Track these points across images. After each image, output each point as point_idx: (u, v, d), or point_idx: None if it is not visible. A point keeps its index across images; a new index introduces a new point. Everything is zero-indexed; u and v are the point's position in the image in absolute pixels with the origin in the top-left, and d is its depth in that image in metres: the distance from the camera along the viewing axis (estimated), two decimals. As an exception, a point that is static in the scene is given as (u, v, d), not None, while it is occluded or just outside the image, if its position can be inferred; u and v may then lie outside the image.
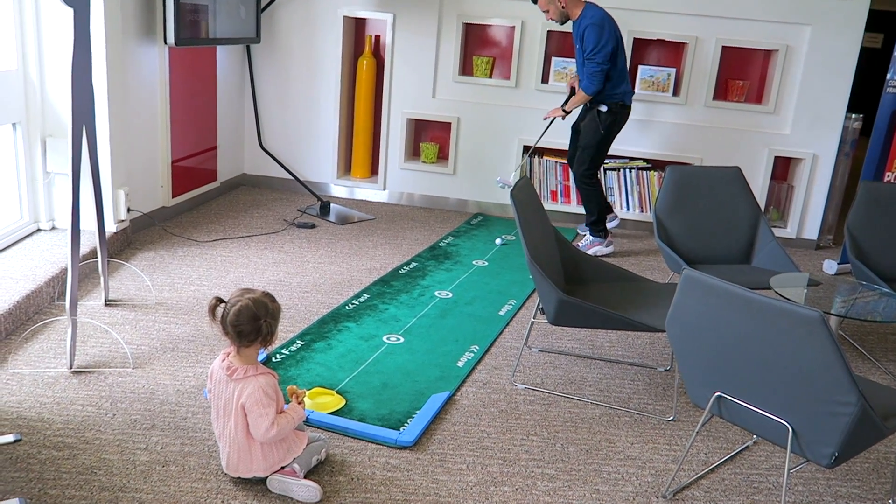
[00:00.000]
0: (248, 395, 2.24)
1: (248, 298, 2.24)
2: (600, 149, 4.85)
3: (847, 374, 2.04)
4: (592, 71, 4.58)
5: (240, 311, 2.22)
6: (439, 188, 5.82)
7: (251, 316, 2.22)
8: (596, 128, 4.78)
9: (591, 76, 4.60)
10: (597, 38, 4.54)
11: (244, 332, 2.23)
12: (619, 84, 4.71)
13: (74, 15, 2.89)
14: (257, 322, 2.23)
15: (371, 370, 3.15)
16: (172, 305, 3.62)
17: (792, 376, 2.14)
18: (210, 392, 2.36)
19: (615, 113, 4.76)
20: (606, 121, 4.75)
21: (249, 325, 2.22)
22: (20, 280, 3.47)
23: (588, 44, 4.58)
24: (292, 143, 5.90)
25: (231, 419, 2.28)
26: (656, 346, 3.61)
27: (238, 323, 2.22)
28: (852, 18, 5.12)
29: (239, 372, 2.27)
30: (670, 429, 2.91)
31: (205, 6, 4.68)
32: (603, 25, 4.56)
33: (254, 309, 2.23)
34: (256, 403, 2.23)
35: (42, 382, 2.85)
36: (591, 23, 4.57)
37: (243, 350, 2.28)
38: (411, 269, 4.42)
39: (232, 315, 2.22)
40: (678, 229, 3.91)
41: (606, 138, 4.82)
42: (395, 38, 5.56)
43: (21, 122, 3.96)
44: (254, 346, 2.28)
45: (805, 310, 2.05)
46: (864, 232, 3.89)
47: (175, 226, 4.81)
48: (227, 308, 2.24)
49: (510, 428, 2.82)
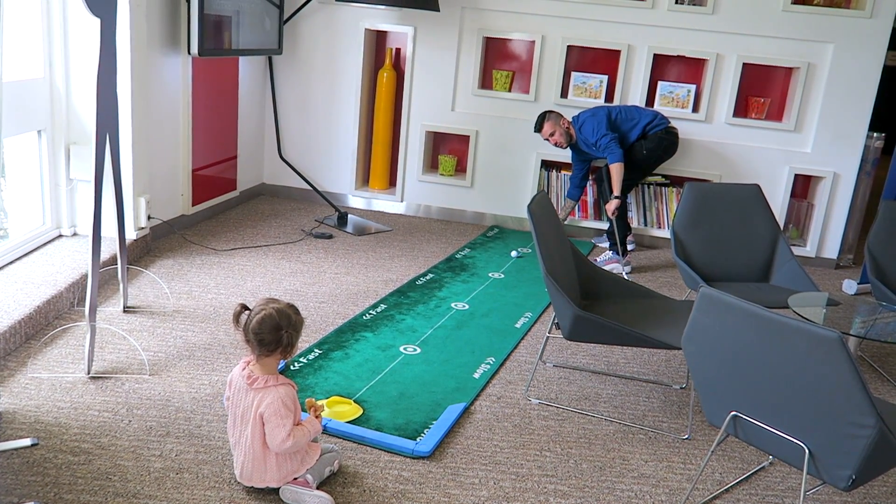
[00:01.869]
0: (268, 405, 2.25)
1: (273, 308, 2.26)
2: (637, 170, 5.01)
3: (865, 396, 2.02)
4: (606, 145, 4.80)
5: (262, 320, 2.23)
6: (457, 201, 5.83)
7: (274, 325, 2.24)
8: (640, 149, 4.95)
9: (606, 149, 4.82)
10: (592, 124, 4.87)
11: (265, 341, 2.25)
12: (641, 123, 4.94)
13: (101, 25, 2.94)
14: (279, 332, 2.24)
15: (388, 380, 3.16)
16: (190, 313, 3.65)
17: (809, 397, 2.12)
18: (228, 400, 2.37)
19: (658, 139, 4.94)
20: (647, 145, 4.94)
21: (271, 335, 2.24)
22: (41, 285, 3.51)
23: (590, 137, 4.89)
24: (311, 153, 5.94)
25: (248, 428, 2.29)
26: (672, 364, 3.59)
27: (260, 331, 2.24)
28: (875, 37, 5.09)
29: (259, 381, 2.28)
30: (685, 447, 2.88)
31: (229, 18, 4.74)
32: (595, 113, 4.94)
33: (277, 319, 2.24)
34: (275, 414, 2.24)
35: (60, 387, 2.88)
36: (582, 120, 4.95)
37: (263, 359, 2.29)
38: (428, 280, 4.42)
39: (255, 323, 2.24)
40: (696, 246, 3.89)
41: (647, 161, 4.99)
42: (416, 50, 5.60)
43: (46, 130, 4.02)
44: (274, 356, 2.29)
45: (823, 330, 2.04)
46: (884, 252, 3.86)
47: (194, 234, 4.86)
48: (251, 316, 2.26)
49: (524, 443, 2.81)
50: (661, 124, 4.96)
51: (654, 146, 4.94)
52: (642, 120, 4.94)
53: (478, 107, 5.65)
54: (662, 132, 4.94)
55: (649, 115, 4.97)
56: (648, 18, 5.28)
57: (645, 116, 4.96)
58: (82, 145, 4.10)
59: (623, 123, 4.93)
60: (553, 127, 4.95)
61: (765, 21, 5.18)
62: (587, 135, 4.89)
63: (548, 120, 4.98)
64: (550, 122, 4.97)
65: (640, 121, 4.94)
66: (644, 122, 4.94)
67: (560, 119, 4.97)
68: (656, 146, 4.94)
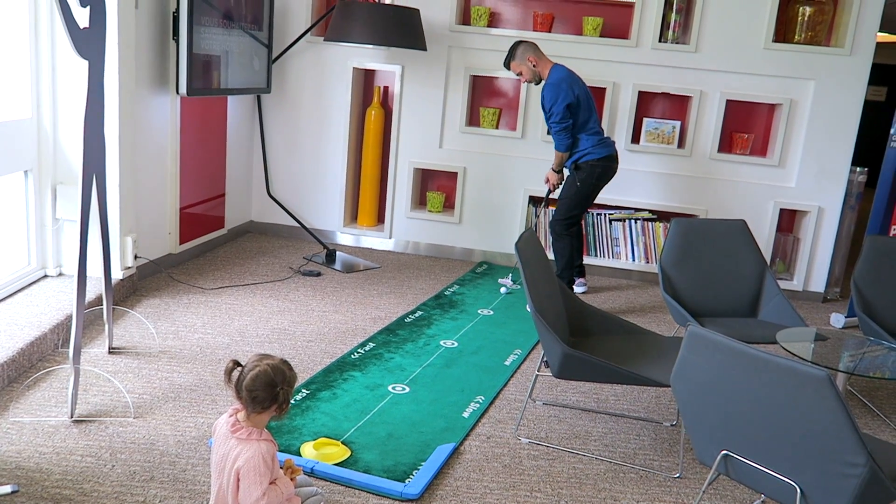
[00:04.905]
0: (247, 459, 2.18)
1: (267, 364, 2.20)
2: (577, 203, 4.85)
3: (855, 435, 2.01)
4: (554, 130, 4.70)
5: (257, 377, 2.17)
6: (445, 237, 5.84)
7: (268, 382, 2.18)
8: (572, 181, 4.83)
9: (555, 135, 4.72)
10: (553, 97, 4.63)
11: (259, 398, 2.18)
12: (583, 142, 4.74)
13: (89, 67, 2.95)
14: (274, 389, 2.18)
15: (377, 420, 3.12)
16: (176, 354, 3.62)
17: (799, 435, 2.11)
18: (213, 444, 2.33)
19: (589, 168, 4.76)
20: (580, 176, 4.79)
21: (265, 392, 2.18)
22: (25, 327, 3.47)
23: (546, 104, 4.70)
24: (300, 191, 5.95)
25: (224, 476, 2.23)
26: (662, 401, 3.58)
27: (254, 388, 2.18)
28: (855, 73, 5.18)
29: (243, 432, 2.21)
30: (676, 486, 2.86)
31: (217, 57, 4.78)
32: (559, 84, 4.62)
33: (272, 375, 2.18)
34: (253, 469, 2.17)
35: (42, 432, 2.83)
36: (548, 82, 4.69)
37: (253, 416, 2.24)
38: (417, 317, 4.41)
39: (249, 380, 2.18)
40: (684, 282, 3.90)
41: (583, 192, 4.82)
42: (404, 89, 5.65)
43: (33, 170, 4.02)
44: (266, 413, 2.22)
45: (812, 369, 2.04)
46: (871, 286, 3.88)
47: (181, 273, 4.83)
48: (245, 372, 2.20)
49: (514, 484, 2.78)
50: (594, 154, 4.74)
51: (586, 176, 4.76)
52: (584, 137, 4.73)
53: (465, 144, 5.69)
54: (595, 160, 4.74)
55: (592, 135, 4.77)
56: (633, 57, 5.35)
57: (593, 140, 4.74)
58: (69, 185, 4.09)
59: (578, 114, 4.70)
60: (519, 66, 4.75)
61: (747, 59, 5.26)
62: (545, 98, 4.68)
63: (514, 59, 4.75)
64: (516, 61, 4.75)
65: (584, 131, 4.73)
66: (585, 144, 4.72)
67: (527, 55, 4.71)
68: (588, 175, 4.76)
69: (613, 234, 5.61)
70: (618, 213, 5.57)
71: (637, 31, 5.31)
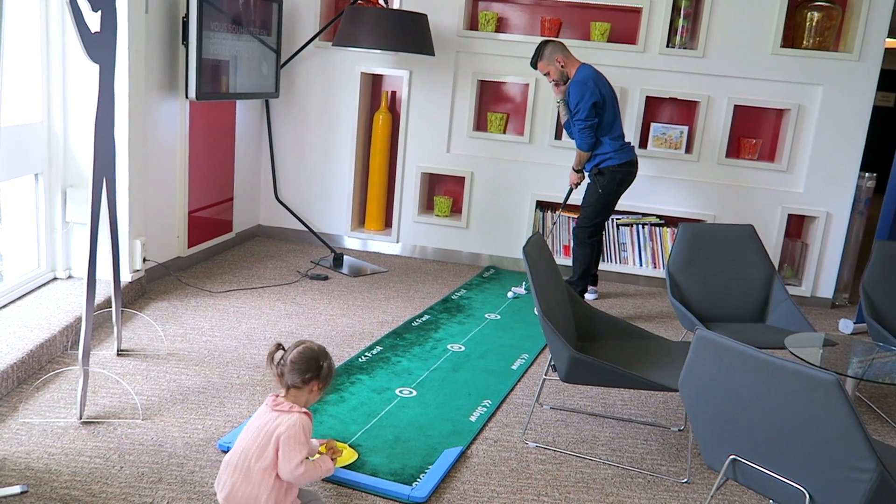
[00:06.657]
0: (288, 426, 2.22)
1: (311, 343, 2.35)
2: (601, 209, 4.83)
3: (864, 440, 2.00)
4: (578, 128, 4.66)
5: (303, 351, 2.31)
6: (452, 241, 5.85)
7: (313, 356, 2.31)
8: (594, 188, 4.81)
9: (578, 133, 4.68)
10: (579, 94, 4.58)
11: (302, 370, 2.28)
12: (606, 145, 4.70)
13: (100, 71, 2.97)
14: (318, 362, 2.31)
15: (384, 423, 3.13)
16: (184, 356, 3.63)
17: (808, 440, 2.10)
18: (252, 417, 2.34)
19: (610, 174, 4.73)
20: (601, 182, 4.76)
21: (309, 363, 2.29)
22: (34, 329, 3.49)
23: (571, 101, 4.66)
24: (307, 195, 5.96)
25: (255, 442, 2.24)
26: (670, 405, 3.57)
27: (299, 360, 2.29)
28: (863, 79, 5.17)
29: (284, 405, 2.28)
30: (684, 491, 2.85)
31: (226, 62, 4.80)
32: (586, 82, 4.59)
33: (316, 351, 2.33)
34: (292, 438, 2.22)
35: (51, 433, 2.84)
36: (575, 80, 4.63)
37: (295, 391, 2.30)
38: (424, 321, 4.41)
39: (295, 354, 2.30)
40: (692, 287, 3.89)
41: (605, 198, 4.79)
42: (412, 93, 5.66)
43: (43, 173, 4.04)
44: (306, 389, 2.29)
45: (820, 373, 2.03)
46: (879, 291, 3.86)
47: (189, 276, 4.85)
48: (289, 350, 2.33)
49: (520, 488, 2.77)
50: (616, 159, 4.70)
51: (608, 182, 4.73)
52: (608, 140, 4.70)
53: (473, 148, 5.70)
54: (615, 166, 4.72)
55: (616, 140, 4.73)
56: (640, 62, 5.36)
57: (616, 145, 4.72)
58: (79, 188, 4.12)
59: (604, 114, 4.67)
60: (547, 67, 4.69)
61: (755, 64, 5.26)
62: (570, 95, 4.64)
63: (541, 59, 4.69)
64: (543, 61, 4.69)
65: (609, 134, 4.70)
66: (607, 148, 4.70)
67: (555, 56, 4.65)
68: (609, 181, 4.74)
69: (621, 239, 5.60)
70: (625, 219, 5.57)
71: (645, 37, 5.31)
